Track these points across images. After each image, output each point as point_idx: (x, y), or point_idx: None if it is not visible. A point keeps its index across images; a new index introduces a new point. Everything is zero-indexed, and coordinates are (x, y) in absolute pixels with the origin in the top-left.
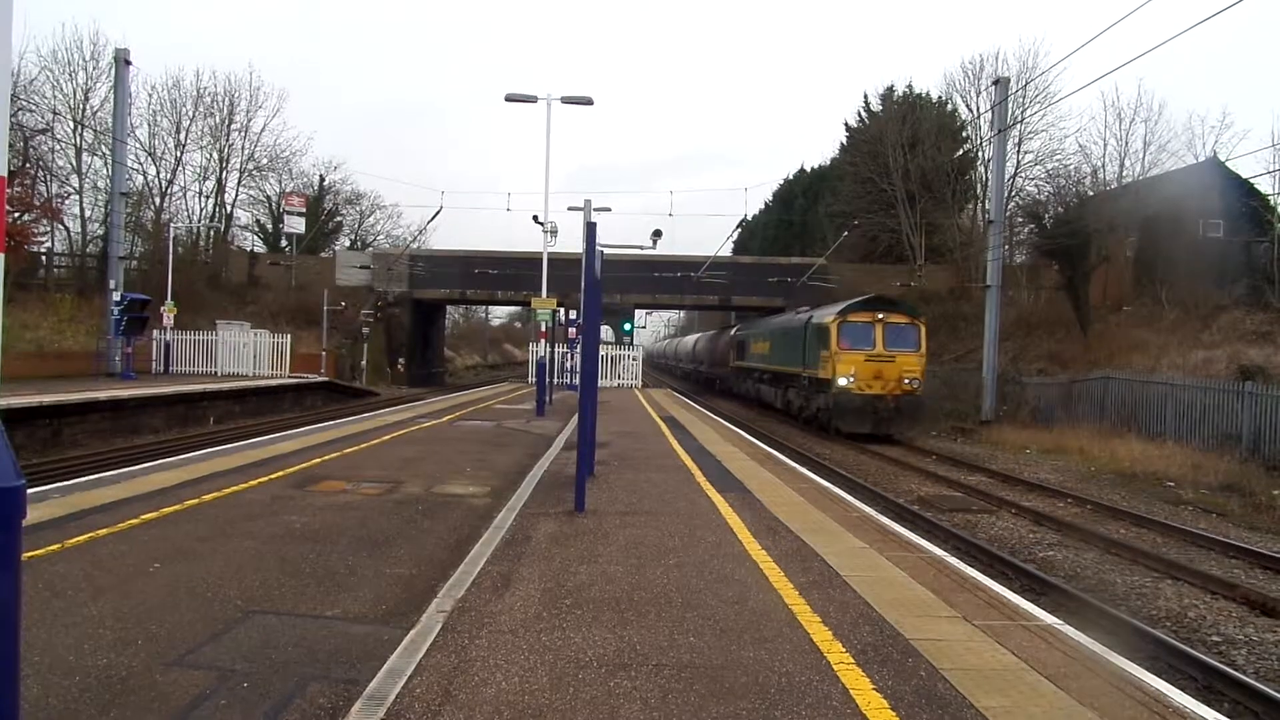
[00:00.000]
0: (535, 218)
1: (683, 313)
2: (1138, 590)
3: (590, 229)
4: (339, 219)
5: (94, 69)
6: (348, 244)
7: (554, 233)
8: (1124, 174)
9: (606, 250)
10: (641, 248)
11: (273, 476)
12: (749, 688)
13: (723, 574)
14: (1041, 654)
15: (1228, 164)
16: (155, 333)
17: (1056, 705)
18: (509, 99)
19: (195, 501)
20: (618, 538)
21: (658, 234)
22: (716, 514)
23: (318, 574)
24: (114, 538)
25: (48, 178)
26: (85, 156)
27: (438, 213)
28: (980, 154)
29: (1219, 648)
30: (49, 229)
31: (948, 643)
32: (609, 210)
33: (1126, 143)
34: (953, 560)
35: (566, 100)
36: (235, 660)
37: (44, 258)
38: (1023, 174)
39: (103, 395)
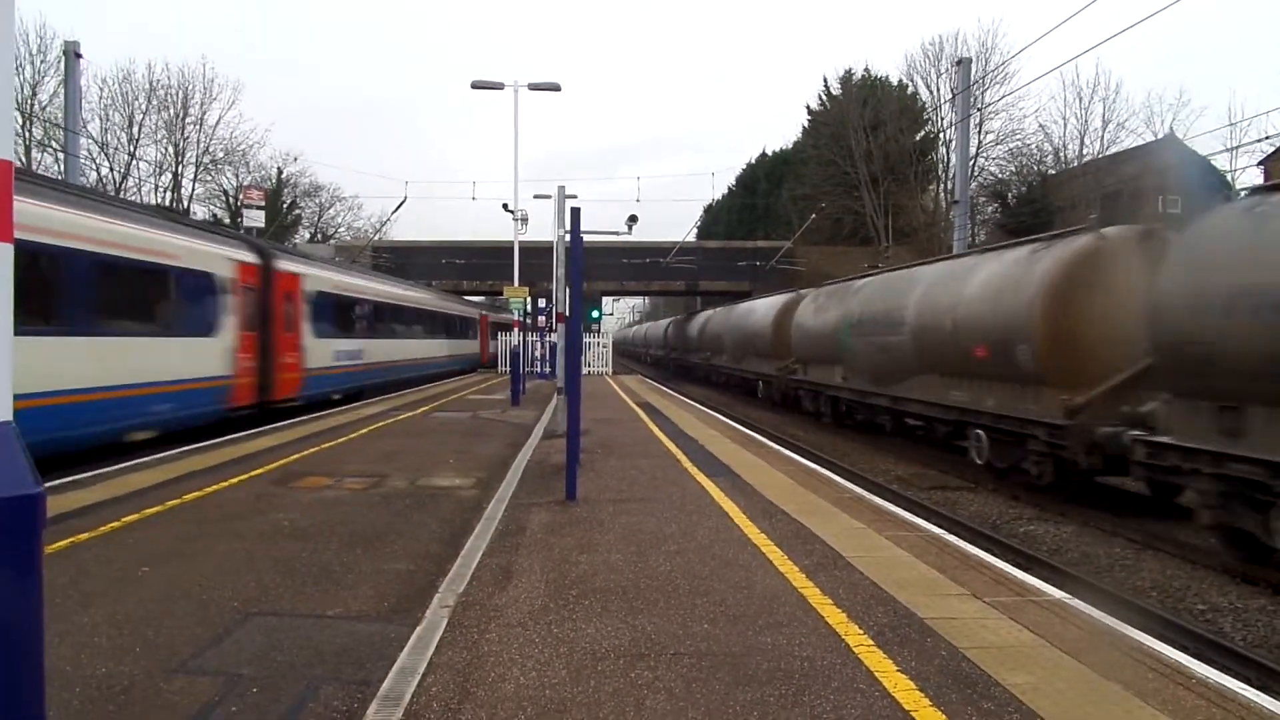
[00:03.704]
0: (505, 205)
1: (647, 299)
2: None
3: (575, 215)
4: (298, 212)
5: (42, 63)
6: (308, 237)
7: (524, 221)
8: (1084, 152)
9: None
10: (617, 233)
11: (253, 474)
12: (772, 673)
13: (726, 559)
14: (1057, 629)
15: (1186, 141)
16: None
17: (1081, 679)
18: (475, 86)
19: (177, 502)
20: (614, 526)
21: (633, 219)
22: (709, 499)
23: (313, 572)
24: (97, 542)
25: None
26: (35, 153)
27: (402, 203)
28: (942, 135)
29: (1205, 616)
30: None
31: (963, 621)
32: (575, 197)
33: (1086, 121)
34: (951, 538)
35: (534, 87)
36: (240, 664)
37: None
38: (984, 153)
39: None
